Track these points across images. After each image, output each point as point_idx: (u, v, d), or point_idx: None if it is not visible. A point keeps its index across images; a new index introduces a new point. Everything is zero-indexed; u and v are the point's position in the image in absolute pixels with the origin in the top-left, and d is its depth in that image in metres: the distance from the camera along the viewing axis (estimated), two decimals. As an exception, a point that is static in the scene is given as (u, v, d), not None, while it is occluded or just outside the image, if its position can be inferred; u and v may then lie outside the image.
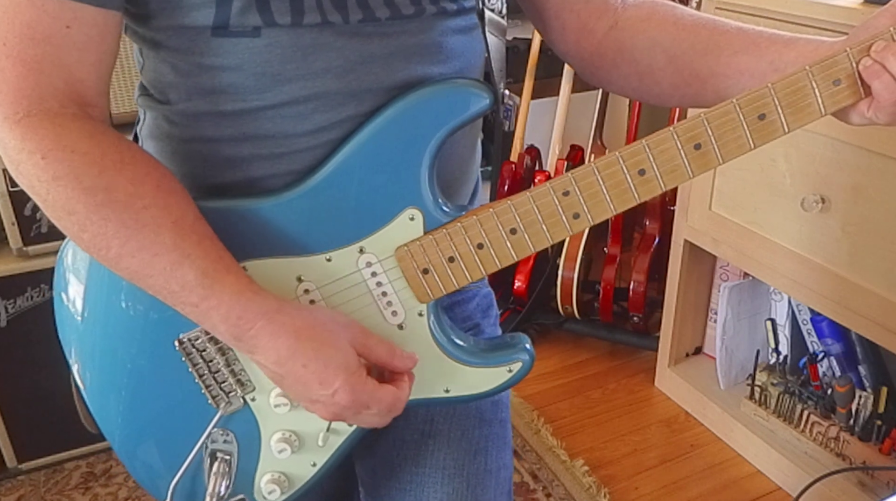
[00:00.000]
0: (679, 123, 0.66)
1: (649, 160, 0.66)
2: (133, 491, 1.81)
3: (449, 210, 0.71)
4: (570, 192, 0.68)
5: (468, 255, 0.70)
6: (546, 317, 2.32)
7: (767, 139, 0.65)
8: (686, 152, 0.66)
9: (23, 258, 1.67)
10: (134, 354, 0.76)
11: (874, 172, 1.43)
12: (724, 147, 0.65)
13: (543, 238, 0.70)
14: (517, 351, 0.74)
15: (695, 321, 2.09)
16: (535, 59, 2.41)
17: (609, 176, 0.67)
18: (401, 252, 0.70)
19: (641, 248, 2.19)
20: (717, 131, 0.65)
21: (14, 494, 1.80)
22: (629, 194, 0.68)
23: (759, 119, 0.64)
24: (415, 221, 0.70)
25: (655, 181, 0.67)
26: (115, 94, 1.65)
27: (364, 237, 0.70)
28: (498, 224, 0.69)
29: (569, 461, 1.88)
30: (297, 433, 0.75)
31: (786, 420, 1.82)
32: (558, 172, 2.35)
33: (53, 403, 1.78)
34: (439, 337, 0.73)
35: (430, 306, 0.72)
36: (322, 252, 0.71)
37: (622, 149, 0.67)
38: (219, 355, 0.73)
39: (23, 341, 1.70)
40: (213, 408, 0.75)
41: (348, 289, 0.72)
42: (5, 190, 1.60)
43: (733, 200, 1.75)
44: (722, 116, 0.64)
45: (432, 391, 0.74)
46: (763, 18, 1.56)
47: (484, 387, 0.74)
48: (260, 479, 0.78)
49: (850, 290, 1.51)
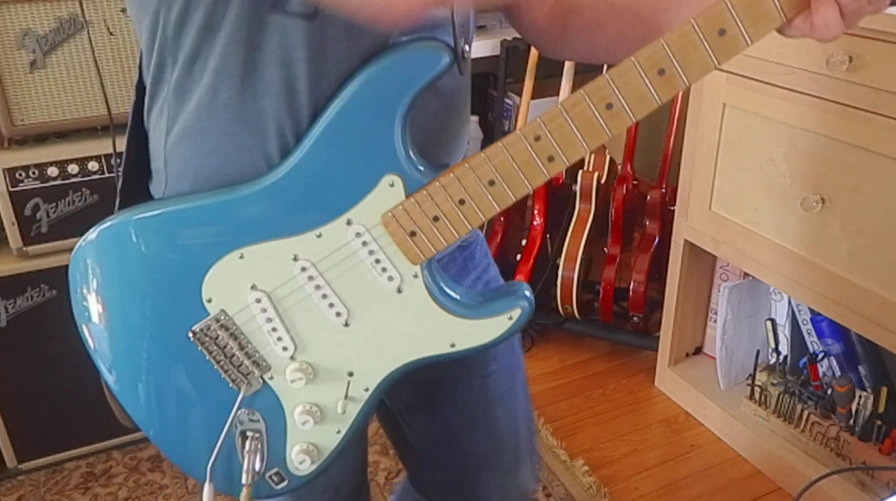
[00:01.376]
0: (639, 52, 0.66)
1: (615, 94, 0.66)
2: (133, 491, 1.81)
3: (425, 170, 0.72)
4: (541, 136, 0.69)
5: (451, 212, 0.72)
6: (546, 317, 2.32)
7: (731, 55, 0.65)
8: (650, 80, 0.65)
9: (23, 258, 1.67)
10: (154, 350, 0.79)
11: (874, 172, 1.43)
12: (687, 69, 0.65)
13: (522, 186, 0.71)
14: (516, 298, 0.76)
15: (695, 321, 2.09)
16: (535, 60, 2.40)
17: (577, 115, 0.67)
18: (386, 218, 0.72)
19: (641, 248, 2.19)
20: (678, 54, 0.64)
21: (14, 494, 1.80)
22: (600, 131, 0.68)
23: (720, 35, 0.64)
24: (395, 186, 0.71)
25: (624, 114, 0.67)
26: (115, 94, 1.65)
27: (349, 209, 0.72)
28: (476, 178, 0.71)
29: (569, 461, 1.88)
30: (318, 404, 0.79)
31: (786, 420, 1.82)
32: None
33: (53, 403, 1.78)
34: (437, 295, 0.75)
35: (424, 267, 0.74)
36: (311, 229, 0.73)
37: (586, 86, 0.67)
38: (231, 340, 0.77)
39: (23, 341, 1.70)
40: (235, 391, 0.79)
41: (343, 261, 0.74)
42: (5, 190, 1.60)
43: (733, 200, 1.75)
44: (682, 37, 0.64)
45: (439, 348, 0.76)
46: (763, 18, 1.56)
47: (488, 337, 0.76)
48: (291, 451, 0.81)
49: (850, 290, 1.51)
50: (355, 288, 0.74)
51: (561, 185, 2.33)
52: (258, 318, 0.76)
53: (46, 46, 1.57)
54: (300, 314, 0.76)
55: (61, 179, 1.64)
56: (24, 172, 1.61)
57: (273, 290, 0.75)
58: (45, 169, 1.62)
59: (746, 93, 1.64)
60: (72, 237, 1.69)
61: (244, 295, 0.75)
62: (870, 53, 1.38)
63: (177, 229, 0.75)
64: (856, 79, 1.41)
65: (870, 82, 1.39)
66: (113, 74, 1.64)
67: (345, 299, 0.75)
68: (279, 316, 0.76)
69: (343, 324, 0.76)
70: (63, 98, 1.62)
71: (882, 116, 1.39)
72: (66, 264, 1.82)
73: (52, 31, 1.57)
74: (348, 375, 0.78)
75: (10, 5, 1.52)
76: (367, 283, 0.74)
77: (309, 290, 0.75)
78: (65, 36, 1.58)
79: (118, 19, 1.61)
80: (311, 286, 0.75)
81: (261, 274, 0.75)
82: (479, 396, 0.99)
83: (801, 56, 1.50)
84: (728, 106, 1.70)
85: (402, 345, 0.77)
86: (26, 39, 1.55)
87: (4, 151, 1.62)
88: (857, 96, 1.42)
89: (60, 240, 1.68)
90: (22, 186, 1.62)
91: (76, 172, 1.65)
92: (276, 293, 0.75)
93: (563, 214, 2.27)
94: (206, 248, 0.75)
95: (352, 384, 0.78)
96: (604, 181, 2.24)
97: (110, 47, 1.62)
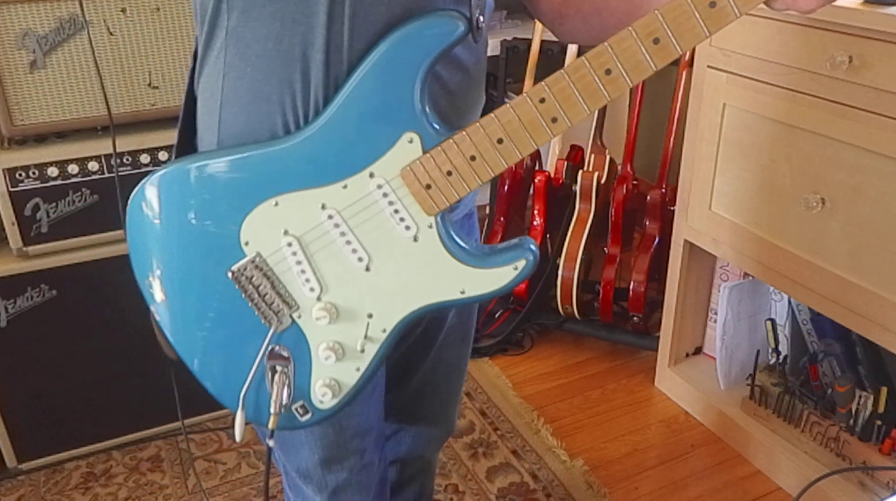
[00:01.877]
0: (636, 22, 0.72)
1: (613, 60, 0.72)
2: (133, 491, 1.81)
3: (441, 128, 0.79)
4: (545, 98, 0.75)
5: (463, 166, 0.79)
6: (546, 317, 2.32)
7: (721, 25, 0.70)
8: (646, 48, 0.71)
9: (23, 258, 1.67)
10: (198, 288, 0.89)
11: (874, 172, 1.43)
12: (681, 38, 0.71)
13: (528, 144, 0.78)
14: (523, 251, 0.82)
15: (695, 321, 2.09)
16: (534, 60, 2.41)
17: (579, 79, 0.74)
18: (404, 172, 0.80)
19: (641, 248, 2.19)
20: (672, 24, 0.71)
21: (14, 494, 1.80)
22: (599, 93, 0.74)
23: (710, 7, 0.70)
24: (413, 143, 0.79)
25: (622, 79, 0.73)
26: (116, 94, 1.65)
27: (372, 163, 0.80)
28: (486, 135, 0.78)
29: (569, 461, 1.88)
30: (340, 342, 0.87)
31: (786, 420, 1.82)
32: (558, 171, 2.35)
33: (53, 403, 1.78)
34: (449, 245, 0.82)
35: (438, 218, 0.81)
36: (339, 181, 0.81)
37: (587, 53, 0.73)
38: (265, 280, 0.85)
39: (23, 341, 1.70)
40: (267, 327, 0.87)
41: (365, 210, 0.82)
42: (5, 190, 1.60)
43: (733, 200, 1.75)
44: (675, 9, 0.70)
45: (450, 294, 0.84)
46: (763, 18, 1.56)
47: (496, 286, 0.83)
48: (315, 385, 0.89)
49: (850, 290, 1.51)
50: (376, 235, 0.82)
51: (561, 185, 2.33)
52: (289, 260, 0.84)
53: (46, 46, 1.57)
54: (326, 258, 0.84)
55: (61, 179, 1.64)
56: (24, 172, 1.61)
57: (303, 235, 0.83)
58: (45, 169, 1.62)
59: (746, 93, 1.64)
60: (72, 237, 1.69)
61: (277, 239, 0.83)
62: (870, 53, 1.38)
63: (221, 177, 0.84)
64: (856, 79, 1.41)
65: (870, 82, 1.39)
66: (113, 74, 1.64)
67: (366, 246, 0.83)
68: (307, 259, 0.84)
69: (364, 269, 0.84)
70: (63, 98, 1.62)
71: (882, 116, 1.39)
72: (67, 264, 1.84)
73: (52, 31, 1.57)
74: (368, 316, 0.85)
75: (10, 5, 1.52)
76: (386, 231, 0.82)
77: (335, 236, 0.83)
78: (65, 36, 1.58)
79: (118, 19, 1.61)
80: (336, 233, 0.83)
81: (292, 220, 0.83)
82: (449, 359, 1.17)
83: (802, 56, 1.50)
84: (728, 106, 1.70)
85: (417, 290, 0.84)
86: (26, 39, 1.55)
87: (4, 151, 1.62)
88: (857, 96, 1.42)
89: (60, 240, 1.68)
90: (22, 186, 1.62)
91: (76, 172, 1.65)
92: (306, 238, 0.83)
93: (563, 214, 2.27)
94: (246, 195, 0.83)
95: (371, 324, 0.86)
96: (604, 181, 2.24)
97: (110, 47, 1.62)
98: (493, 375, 2.19)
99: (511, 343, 2.31)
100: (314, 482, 1.03)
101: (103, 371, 1.80)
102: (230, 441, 1.94)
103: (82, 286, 1.72)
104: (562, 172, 2.35)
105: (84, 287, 1.72)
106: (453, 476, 1.85)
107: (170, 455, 1.91)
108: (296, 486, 1.09)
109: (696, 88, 1.79)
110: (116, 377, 1.82)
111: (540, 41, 2.41)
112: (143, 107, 1.69)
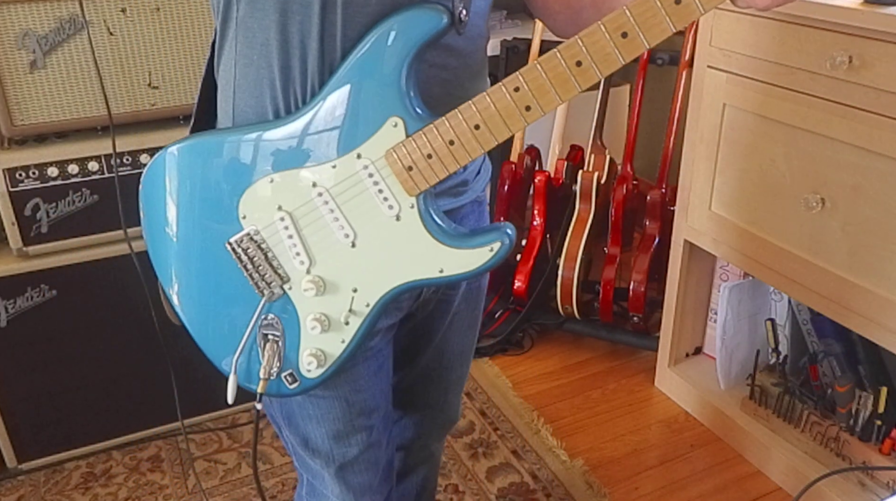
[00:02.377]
0: (605, 18, 0.76)
1: (584, 52, 0.77)
2: (133, 491, 1.81)
3: (423, 114, 0.84)
4: (519, 87, 0.80)
5: (442, 149, 0.83)
6: (546, 317, 2.32)
7: (686, 21, 0.75)
8: (615, 41, 0.76)
9: (23, 258, 1.67)
10: (198, 258, 0.94)
11: (874, 172, 1.43)
12: (647, 32, 0.75)
13: (503, 130, 0.82)
14: (499, 234, 0.86)
15: (695, 321, 2.09)
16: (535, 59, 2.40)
17: (551, 69, 0.78)
18: (388, 154, 0.84)
19: (641, 248, 2.19)
20: (639, 19, 0.75)
21: (14, 494, 1.80)
22: (571, 83, 0.78)
23: (676, 3, 0.74)
24: (398, 127, 0.84)
25: (592, 70, 0.77)
26: (115, 94, 1.65)
27: (360, 145, 0.85)
28: (463, 121, 0.82)
29: (569, 461, 1.88)
30: (326, 314, 0.91)
31: (786, 420, 1.82)
32: (558, 172, 2.35)
33: (53, 403, 1.78)
34: (429, 225, 0.87)
35: (420, 199, 0.86)
36: (329, 161, 0.86)
37: (560, 45, 0.78)
38: (259, 252, 0.90)
39: (23, 341, 1.70)
40: (259, 297, 0.92)
41: (352, 189, 0.87)
42: (5, 190, 1.60)
43: (733, 200, 1.75)
44: (641, 4, 0.75)
45: (430, 272, 0.88)
46: (764, 18, 1.56)
47: (472, 266, 0.87)
48: (302, 354, 0.93)
49: (850, 290, 1.51)
50: (361, 213, 0.87)
51: (561, 185, 2.33)
52: (281, 234, 0.89)
53: (46, 46, 1.57)
54: (315, 233, 0.89)
55: (61, 180, 1.64)
56: (24, 172, 1.61)
57: (294, 210, 0.88)
58: (45, 169, 1.62)
59: (746, 93, 1.64)
60: (72, 237, 1.69)
61: (272, 214, 0.89)
62: (870, 53, 1.38)
63: (225, 153, 0.89)
64: (856, 79, 1.41)
65: (870, 82, 1.39)
66: (113, 74, 1.64)
67: (352, 223, 0.88)
68: (298, 234, 0.89)
69: (350, 245, 0.88)
70: (63, 98, 1.62)
71: (882, 116, 1.39)
72: (67, 264, 1.84)
73: (52, 31, 1.57)
74: (353, 291, 0.90)
75: (10, 5, 1.52)
76: (370, 209, 0.87)
77: (324, 212, 0.88)
78: (65, 36, 1.58)
79: (118, 19, 1.62)
80: (325, 209, 0.87)
81: (286, 197, 0.88)
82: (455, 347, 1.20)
83: (802, 56, 1.50)
84: (728, 106, 1.70)
85: (399, 267, 0.88)
86: (26, 39, 1.55)
87: (4, 151, 1.62)
88: (857, 96, 1.42)
89: (60, 240, 1.68)
90: (22, 186, 1.62)
91: (76, 172, 1.65)
92: (297, 213, 0.88)
93: (563, 214, 2.27)
94: (245, 172, 0.89)
95: (355, 298, 0.90)
96: (604, 181, 2.24)
97: (110, 47, 1.62)
98: (493, 375, 2.19)
99: (511, 343, 2.31)
100: (322, 456, 1.05)
101: (103, 371, 1.80)
102: (230, 441, 1.94)
103: (82, 286, 1.72)
104: (562, 172, 2.35)
105: (84, 287, 1.72)
106: (453, 476, 1.85)
107: (170, 455, 1.91)
108: (304, 464, 1.11)
109: (696, 88, 1.79)
110: (116, 377, 1.82)
111: (540, 41, 2.41)
112: (143, 107, 1.69)
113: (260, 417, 1.00)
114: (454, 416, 1.32)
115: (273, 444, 1.92)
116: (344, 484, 1.08)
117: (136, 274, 1.68)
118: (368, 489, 1.10)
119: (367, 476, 1.09)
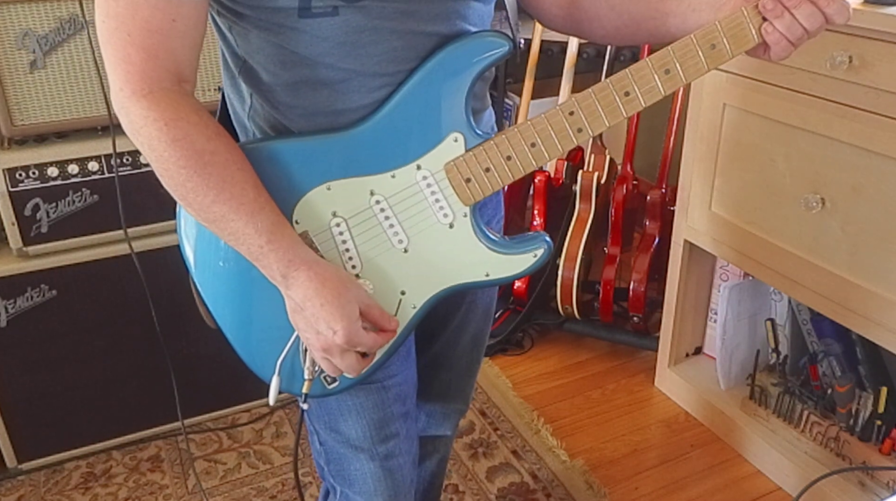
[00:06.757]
0: (651, 56, 0.86)
1: (632, 84, 0.87)
2: (133, 491, 1.81)
3: (481, 132, 0.91)
4: (574, 112, 0.88)
5: (500, 165, 0.91)
6: (546, 317, 2.32)
7: (718, 63, 0.86)
8: (658, 76, 0.87)
9: (23, 258, 1.67)
10: (245, 261, 0.92)
11: (874, 172, 1.43)
12: (686, 70, 0.86)
13: (556, 149, 0.90)
14: (541, 242, 0.94)
15: (695, 321, 2.09)
16: (535, 59, 2.41)
17: (603, 98, 0.88)
18: (448, 166, 0.91)
19: (641, 248, 2.19)
20: (680, 59, 0.86)
21: (14, 494, 1.80)
22: (618, 111, 0.88)
23: (711, 48, 0.85)
24: (458, 142, 0.90)
25: (637, 100, 0.87)
26: (115, 94, 1.65)
27: (420, 157, 0.91)
28: (521, 140, 0.90)
29: (569, 461, 1.88)
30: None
31: (786, 420, 1.82)
32: (558, 171, 2.35)
33: (53, 403, 1.78)
34: (479, 233, 0.93)
35: (472, 209, 0.93)
36: (388, 171, 0.91)
37: (611, 77, 0.87)
38: None
39: (23, 341, 1.70)
40: None
41: (409, 198, 0.92)
42: (5, 190, 1.60)
43: (733, 200, 1.75)
44: (683, 47, 0.85)
45: (476, 276, 0.95)
46: (763, 18, 1.56)
47: (516, 270, 0.95)
48: None
49: (850, 290, 1.51)
50: (417, 221, 0.92)
51: (561, 185, 2.33)
52: (335, 239, 0.93)
53: (46, 46, 1.57)
54: (369, 239, 0.93)
55: (61, 180, 1.64)
56: (24, 172, 1.61)
57: (350, 217, 0.92)
58: (45, 169, 1.62)
59: (746, 93, 1.64)
60: (72, 237, 1.69)
61: (326, 220, 0.92)
62: (870, 54, 1.38)
63: (283, 160, 0.92)
64: (856, 79, 1.41)
65: (870, 82, 1.39)
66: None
67: (407, 230, 0.93)
68: (352, 239, 0.93)
69: (403, 250, 0.93)
70: (63, 98, 1.62)
71: (882, 116, 1.39)
72: (66, 264, 1.84)
73: (52, 31, 1.57)
74: (401, 293, 0.94)
75: (10, 5, 1.52)
76: (426, 217, 0.92)
77: (380, 219, 0.92)
78: (65, 36, 1.58)
79: (118, 19, 1.61)
80: (381, 217, 0.92)
81: (342, 203, 0.92)
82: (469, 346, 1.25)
83: (802, 56, 1.50)
84: (728, 106, 1.70)
85: (448, 271, 0.94)
86: (26, 39, 1.55)
87: (4, 151, 1.62)
88: (857, 96, 1.42)
89: (60, 240, 1.68)
90: (22, 186, 1.62)
91: (76, 172, 1.65)
92: (353, 220, 0.92)
93: (563, 214, 2.27)
94: (303, 178, 0.91)
95: (403, 301, 0.95)
96: (604, 181, 2.24)
97: (110, 47, 1.62)
98: (493, 375, 2.19)
99: (511, 343, 2.31)
100: (366, 450, 1.07)
101: (103, 371, 1.80)
102: (230, 441, 1.94)
103: (82, 286, 1.72)
104: (562, 172, 2.35)
105: (84, 287, 1.72)
106: (453, 476, 1.85)
107: (170, 455, 1.91)
108: (342, 470, 1.10)
109: (696, 88, 1.79)
110: (116, 377, 1.82)
111: (540, 41, 2.41)
112: (143, 107, 1.69)
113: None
114: (464, 405, 1.35)
115: (273, 444, 1.92)
116: (391, 480, 1.09)
117: (136, 274, 1.69)
118: (411, 484, 1.13)
119: (406, 462, 1.10)
